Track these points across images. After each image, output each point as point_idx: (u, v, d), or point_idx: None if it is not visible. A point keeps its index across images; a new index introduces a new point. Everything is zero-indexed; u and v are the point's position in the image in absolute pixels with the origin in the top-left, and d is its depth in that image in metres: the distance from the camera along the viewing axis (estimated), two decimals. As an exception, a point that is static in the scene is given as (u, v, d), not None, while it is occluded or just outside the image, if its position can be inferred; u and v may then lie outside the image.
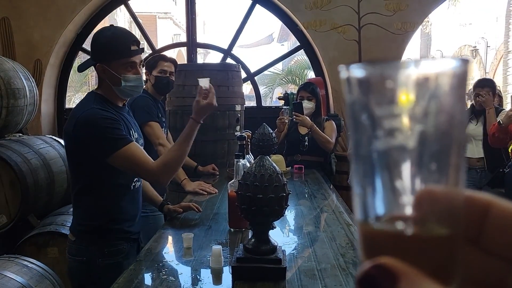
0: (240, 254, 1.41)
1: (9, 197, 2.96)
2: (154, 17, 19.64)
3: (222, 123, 3.57)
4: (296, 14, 4.82)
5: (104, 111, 1.67)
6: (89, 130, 1.63)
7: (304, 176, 3.11)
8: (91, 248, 1.73)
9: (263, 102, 5.96)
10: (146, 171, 1.68)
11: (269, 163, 1.40)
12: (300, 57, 10.16)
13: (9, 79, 3.25)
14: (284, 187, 1.38)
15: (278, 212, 1.38)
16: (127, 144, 1.65)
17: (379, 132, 0.26)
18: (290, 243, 1.71)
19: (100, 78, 1.76)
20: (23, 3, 4.79)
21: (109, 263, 1.72)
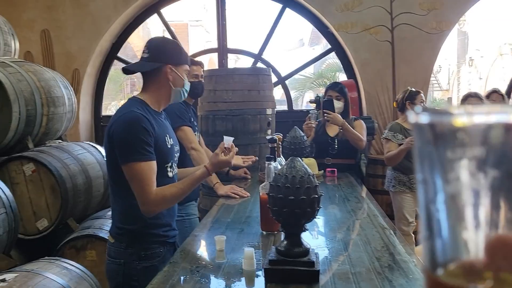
0: (272, 256, 1.40)
1: (50, 201, 3.07)
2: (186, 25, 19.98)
3: (253, 127, 3.59)
4: (327, 16, 4.79)
5: (144, 117, 1.69)
6: (123, 131, 1.67)
7: (337, 180, 3.07)
8: (129, 250, 1.75)
9: (294, 106, 5.94)
10: (144, 195, 1.67)
11: (300, 165, 1.39)
12: (331, 60, 10.08)
13: (50, 88, 3.38)
14: (316, 188, 1.37)
15: (310, 214, 1.36)
16: (144, 161, 1.66)
17: (449, 175, 0.25)
18: (323, 246, 1.69)
19: (155, 79, 1.79)
20: (61, 16, 4.98)
21: (146, 266, 1.74)
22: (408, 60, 4.67)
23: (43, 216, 3.08)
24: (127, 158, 1.66)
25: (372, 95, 4.75)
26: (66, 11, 4.98)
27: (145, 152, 1.66)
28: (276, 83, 5.12)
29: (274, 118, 3.81)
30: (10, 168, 3.05)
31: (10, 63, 3.19)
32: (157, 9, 5.25)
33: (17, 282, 1.97)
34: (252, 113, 3.58)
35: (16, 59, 3.56)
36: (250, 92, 3.60)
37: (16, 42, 3.81)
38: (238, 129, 3.55)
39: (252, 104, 3.59)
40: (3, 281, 1.95)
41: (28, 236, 3.07)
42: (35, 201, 3.07)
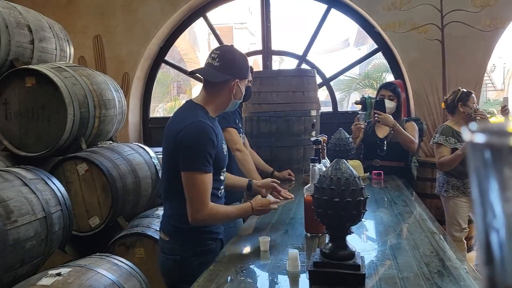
0: (317, 258, 1.39)
1: (101, 200, 3.20)
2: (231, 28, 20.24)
3: (297, 129, 3.57)
4: (373, 16, 4.70)
5: (213, 130, 1.77)
6: (192, 140, 1.73)
7: (384, 182, 3.00)
8: (185, 247, 1.82)
9: (339, 107, 5.86)
10: (200, 205, 1.73)
11: (346, 167, 1.37)
12: (378, 60, 9.86)
13: (101, 91, 3.52)
14: (362, 191, 1.35)
15: (355, 217, 1.34)
16: (206, 173, 1.73)
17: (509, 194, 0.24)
18: (369, 250, 1.66)
19: (218, 89, 1.84)
20: (113, 22, 5.18)
21: (201, 262, 1.78)
22: (459, 59, 4.49)
23: (95, 214, 3.21)
24: (191, 167, 1.73)
25: (420, 95, 4.61)
26: (117, 17, 5.17)
27: (208, 165, 1.74)
28: (321, 84, 5.08)
29: (319, 120, 3.78)
30: (65, 168, 3.21)
31: (65, 68, 3.36)
32: (203, 13, 5.34)
33: (71, 276, 2.07)
34: (296, 114, 3.57)
35: (70, 64, 3.74)
36: (295, 94, 3.59)
37: (71, 47, 4.00)
38: (282, 130, 3.55)
39: (296, 105, 3.58)
40: (58, 275, 2.05)
41: (81, 233, 3.21)
42: (88, 200, 3.21)
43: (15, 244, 2.10)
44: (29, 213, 2.23)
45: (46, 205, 2.37)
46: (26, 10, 3.50)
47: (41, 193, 2.39)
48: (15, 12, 3.33)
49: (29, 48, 3.37)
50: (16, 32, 3.23)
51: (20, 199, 2.23)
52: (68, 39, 3.93)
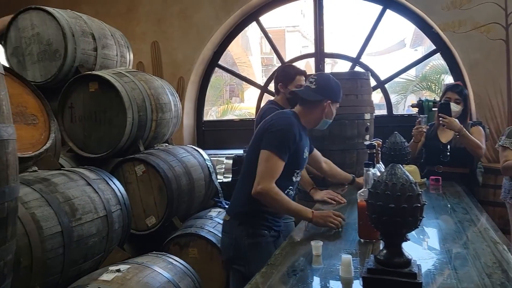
0: (371, 265, 1.37)
1: (157, 200, 3.32)
2: (283, 31, 20.25)
3: (350, 132, 3.51)
4: (431, 16, 4.54)
5: (298, 129, 2.07)
6: (280, 127, 2.03)
7: (442, 189, 2.88)
8: (240, 227, 2.07)
9: (394, 110, 5.70)
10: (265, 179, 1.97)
11: (402, 172, 1.33)
12: (436, 61, 9.48)
13: (158, 95, 3.65)
14: (419, 197, 1.31)
15: (411, 224, 1.31)
16: (280, 158, 1.99)
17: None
18: (426, 258, 1.60)
19: (313, 108, 2.15)
20: (169, 28, 5.36)
21: (251, 243, 2.05)
22: (525, 59, 4.23)
23: (151, 214, 3.34)
24: (271, 147, 1.99)
25: (483, 98, 4.39)
26: (173, 24, 5.35)
27: (284, 154, 2.01)
28: (375, 87, 4.97)
29: (373, 123, 3.70)
30: (124, 169, 3.36)
31: (125, 73, 3.52)
32: (256, 17, 5.40)
33: (130, 273, 2.16)
34: (349, 118, 3.51)
35: (130, 69, 3.91)
36: (348, 97, 3.53)
37: (131, 53, 4.18)
38: (335, 134, 3.51)
39: (350, 109, 3.52)
40: (118, 271, 2.15)
41: (138, 232, 3.34)
42: (145, 200, 3.34)
43: (79, 240, 2.23)
44: (92, 212, 2.36)
45: (107, 204, 2.50)
46: (91, 19, 3.71)
47: (103, 192, 2.52)
48: (81, 21, 3.53)
49: (92, 55, 3.56)
50: (82, 40, 3.43)
51: (84, 198, 2.36)
52: (128, 45, 4.12)
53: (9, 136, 1.54)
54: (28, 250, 1.94)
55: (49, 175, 2.36)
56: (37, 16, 3.37)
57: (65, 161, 3.25)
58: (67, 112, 3.38)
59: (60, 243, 2.11)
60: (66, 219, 2.17)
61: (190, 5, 5.30)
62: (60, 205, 2.19)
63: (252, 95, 15.34)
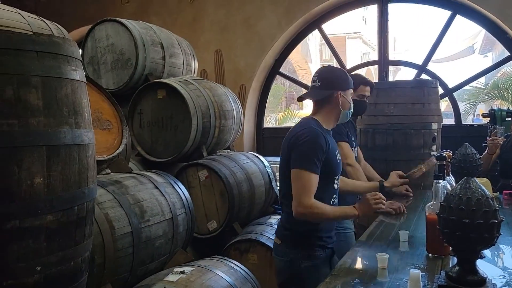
0: (442, 281, 1.32)
1: (219, 205, 3.39)
2: (344, 37, 20.03)
3: (416, 142, 3.40)
4: (506, 21, 4.31)
5: (323, 137, 1.94)
6: (303, 141, 1.92)
7: (517, 204, 2.71)
8: (294, 250, 1.99)
9: (462, 120, 5.44)
10: (303, 198, 1.86)
11: (477, 186, 1.28)
12: (509, 68, 8.94)
13: (222, 102, 3.74)
14: (496, 213, 1.25)
15: (487, 240, 1.25)
16: (313, 172, 1.88)
17: None
18: (501, 278, 1.52)
19: (326, 103, 2.03)
20: (232, 36, 5.49)
21: (308, 265, 1.96)
22: None
23: (213, 218, 3.41)
24: (300, 164, 1.89)
25: None
26: (236, 32, 5.47)
27: (315, 167, 1.89)
28: (443, 95, 4.78)
29: (440, 133, 3.56)
30: (188, 174, 3.47)
31: (191, 81, 3.64)
32: (319, 24, 5.39)
33: (193, 275, 2.23)
34: (415, 127, 3.41)
35: (195, 77, 4.05)
36: (414, 106, 3.43)
37: (196, 62, 4.32)
38: (399, 143, 3.41)
39: (415, 118, 3.42)
40: (182, 273, 2.22)
41: (200, 235, 3.43)
42: (207, 204, 3.43)
43: (147, 241, 2.33)
44: (159, 214, 2.46)
45: (173, 207, 2.59)
46: (159, 29, 3.88)
47: (169, 196, 2.62)
48: (151, 31, 3.71)
49: (161, 63, 3.73)
50: (151, 49, 3.60)
51: (152, 200, 2.47)
52: (193, 54, 4.26)
53: (90, 140, 1.65)
54: (102, 248, 2.06)
55: (121, 178, 2.50)
56: (111, 27, 3.59)
57: (134, 165, 3.42)
58: (136, 118, 3.55)
59: (130, 243, 2.21)
60: (135, 220, 2.27)
61: (253, 14, 5.39)
62: (131, 206, 2.30)
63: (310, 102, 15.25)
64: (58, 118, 1.51)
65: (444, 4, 4.79)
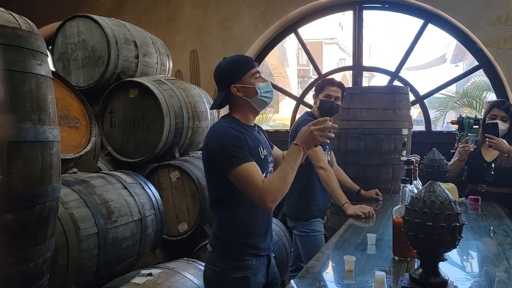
0: (405, 283, 1.33)
1: (190, 207, 3.36)
2: (321, 43, 20.25)
3: (387, 147, 3.45)
4: (475, 31, 4.43)
5: (233, 129, 1.76)
6: (216, 145, 1.74)
7: (481, 209, 2.78)
8: (224, 260, 1.80)
9: (433, 126, 5.56)
10: (255, 190, 1.67)
11: (441, 190, 1.30)
12: (478, 77, 9.21)
13: (195, 103, 3.71)
14: (458, 216, 1.27)
15: (449, 243, 1.27)
16: (245, 162, 1.69)
17: None
18: (463, 280, 1.55)
19: (232, 101, 1.85)
20: (208, 38, 5.46)
21: (238, 277, 1.78)
22: None
23: (184, 220, 3.38)
24: (229, 167, 1.69)
25: (527, 117, 4.22)
26: (213, 33, 5.44)
27: (241, 156, 1.70)
28: (414, 102, 4.87)
29: (410, 139, 3.62)
30: (159, 174, 3.42)
31: (164, 81, 3.60)
32: (295, 28, 5.42)
33: (161, 277, 2.19)
34: (386, 132, 3.46)
35: (169, 77, 4.00)
36: (386, 111, 3.48)
37: (170, 62, 4.28)
38: (371, 148, 3.46)
39: (387, 123, 3.47)
40: (150, 275, 2.18)
41: (170, 237, 3.39)
42: (178, 206, 3.39)
43: (113, 242, 2.28)
44: (127, 215, 2.41)
45: (142, 208, 2.55)
46: (133, 27, 3.83)
47: (138, 196, 2.57)
48: (124, 29, 3.65)
49: (134, 62, 3.67)
50: (124, 47, 3.55)
51: (120, 201, 2.42)
52: (168, 54, 4.22)
53: (54, 138, 1.60)
54: (65, 249, 2.00)
55: (88, 177, 2.44)
56: (83, 23, 3.52)
57: (103, 165, 3.35)
58: (107, 117, 3.49)
59: (95, 244, 2.16)
60: (102, 221, 2.22)
61: (230, 16, 5.38)
62: (98, 207, 2.25)
63: (286, 106, 15.33)
64: (20, 114, 1.46)
65: (417, 13, 4.89)
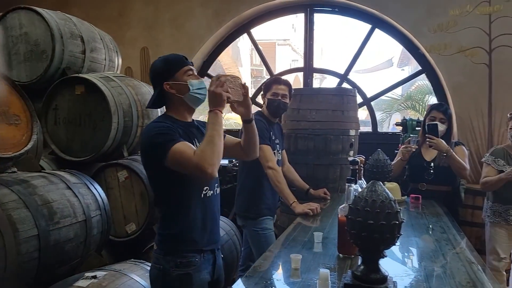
0: (348, 280, 1.38)
1: (138, 207, 3.28)
2: (274, 44, 20.45)
3: (335, 148, 3.55)
4: (418, 37, 4.64)
5: (162, 123, 1.77)
6: (146, 139, 1.77)
7: (422, 207, 2.92)
8: (167, 257, 1.81)
9: (379, 128, 5.77)
10: (190, 164, 1.66)
11: (382, 189, 1.35)
12: (421, 82, 9.66)
13: (145, 101, 3.63)
14: (397, 214, 1.33)
15: (389, 241, 1.32)
16: (174, 144, 1.68)
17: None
18: (402, 276, 1.62)
19: (167, 99, 1.86)
20: (160, 35, 5.37)
21: (180, 274, 1.79)
22: (507, 84, 4.34)
23: (132, 221, 3.30)
24: (161, 154, 1.69)
25: (464, 120, 4.47)
26: (164, 31, 5.36)
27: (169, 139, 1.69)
28: (361, 104, 5.03)
29: (357, 140, 3.74)
30: (106, 174, 3.32)
31: (112, 78, 3.50)
32: (247, 29, 5.44)
33: (106, 280, 2.13)
34: (335, 133, 3.55)
35: (118, 74, 3.90)
36: (334, 113, 3.58)
37: (119, 58, 4.17)
38: (319, 148, 3.54)
39: (335, 124, 3.56)
40: (94, 277, 2.12)
41: (118, 238, 3.30)
42: (126, 206, 3.31)
43: (55, 244, 2.19)
44: (70, 216, 2.32)
45: (87, 209, 2.47)
46: (80, 22, 3.69)
47: (83, 197, 2.49)
48: (70, 23, 3.51)
49: (80, 57, 3.54)
50: (70, 42, 3.41)
51: (63, 201, 2.33)
52: (117, 50, 4.11)
53: (-10, 135, 1.52)
54: (2, 252, 1.90)
55: (29, 177, 2.33)
56: (26, 16, 3.35)
57: (46, 164, 3.21)
58: (51, 114, 3.34)
59: (35, 246, 2.07)
60: (43, 223, 2.13)
61: (182, 13, 5.32)
62: (38, 208, 2.15)
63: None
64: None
65: (365, 18, 5.06)
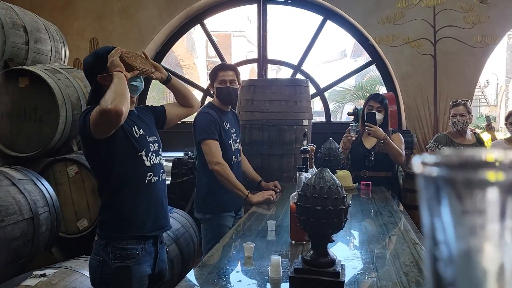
0: (298, 265, 1.41)
1: (90, 202, 3.20)
2: (229, 35, 20.35)
3: (289, 138, 3.60)
4: (368, 29, 4.76)
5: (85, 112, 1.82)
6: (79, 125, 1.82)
7: (372, 193, 3.03)
8: (106, 249, 1.81)
9: (332, 118, 5.90)
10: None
11: (329, 176, 1.39)
12: (373, 72, 9.96)
13: (94, 94, 3.53)
14: (344, 200, 1.37)
15: (336, 225, 1.37)
16: (89, 113, 1.76)
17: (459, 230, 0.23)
18: (351, 258, 1.68)
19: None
20: (109, 25, 5.21)
21: (119, 266, 1.79)
22: (450, 74, 4.55)
23: (83, 217, 3.21)
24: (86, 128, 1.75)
25: (412, 108, 4.66)
26: (114, 21, 5.20)
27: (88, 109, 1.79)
28: (315, 94, 5.12)
29: (311, 129, 3.81)
30: (55, 169, 3.21)
31: (59, 70, 3.37)
32: (201, 19, 5.38)
33: (56, 277, 2.07)
34: (288, 123, 3.60)
35: (65, 66, 3.76)
36: (288, 103, 3.62)
37: (66, 49, 4.01)
38: (274, 139, 3.58)
39: (289, 114, 3.61)
40: (43, 276, 2.05)
41: (69, 235, 3.21)
42: (77, 202, 3.21)
43: (0, 244, 2.10)
44: (16, 213, 2.24)
45: (34, 205, 2.38)
46: (23, 11, 3.52)
47: (30, 193, 2.40)
48: (12, 13, 3.34)
49: (24, 49, 3.38)
50: (12, 32, 3.25)
51: (8, 199, 2.23)
52: (63, 41, 3.95)
53: None
54: None
55: (-31, 174, 2.22)
56: (-38, 4, 3.16)
57: (-10, 160, 3.06)
58: (-6, 108, 3.18)
59: (-21, 246, 1.98)
60: (-14, 221, 2.04)
61: (132, 3, 5.18)
62: (-19, 206, 2.06)
63: (195, 98, 15.18)
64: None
65: (317, 9, 5.13)
